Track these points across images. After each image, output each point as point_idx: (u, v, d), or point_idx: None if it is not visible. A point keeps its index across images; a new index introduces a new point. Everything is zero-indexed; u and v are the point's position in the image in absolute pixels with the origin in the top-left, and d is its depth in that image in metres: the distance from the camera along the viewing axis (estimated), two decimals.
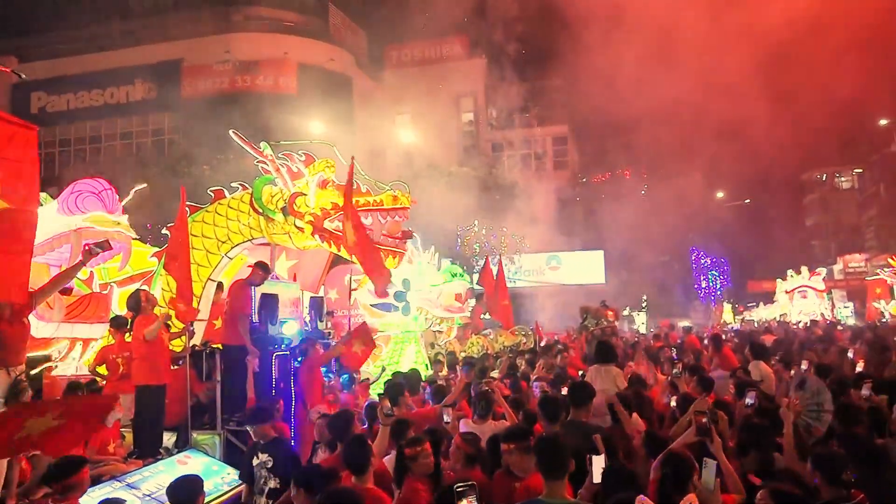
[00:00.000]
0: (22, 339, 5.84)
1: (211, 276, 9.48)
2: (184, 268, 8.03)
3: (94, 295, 9.17)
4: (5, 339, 5.50)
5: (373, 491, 4.41)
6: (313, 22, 36.38)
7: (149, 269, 10.41)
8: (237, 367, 8.21)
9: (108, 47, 35.33)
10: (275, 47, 34.02)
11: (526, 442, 4.51)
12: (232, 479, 6.91)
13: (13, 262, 4.87)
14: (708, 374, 9.47)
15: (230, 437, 7.85)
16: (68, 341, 8.87)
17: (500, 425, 6.09)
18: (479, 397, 6.46)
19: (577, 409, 5.99)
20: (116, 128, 36.19)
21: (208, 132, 23.26)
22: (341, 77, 35.38)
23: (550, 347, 14.17)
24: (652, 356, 10.80)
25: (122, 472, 6.44)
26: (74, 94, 36.08)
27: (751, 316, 37.58)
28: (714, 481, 3.66)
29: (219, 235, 9.53)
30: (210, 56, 34.01)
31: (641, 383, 8.00)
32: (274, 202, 9.01)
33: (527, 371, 10.20)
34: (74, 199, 8.50)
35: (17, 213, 4.86)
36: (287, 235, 9.09)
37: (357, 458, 4.49)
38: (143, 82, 35.42)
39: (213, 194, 9.86)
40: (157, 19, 35.89)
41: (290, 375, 8.33)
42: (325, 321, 10.98)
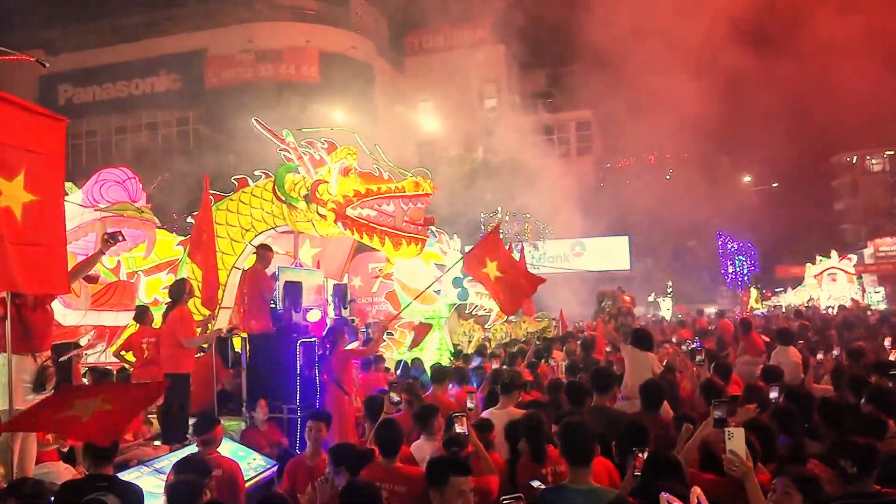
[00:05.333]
0: (46, 325, 5.91)
1: (235, 263, 9.53)
2: (209, 256, 8.10)
3: (120, 283, 9.29)
4: (30, 325, 5.57)
5: (401, 468, 4.60)
6: (335, 10, 36.35)
7: (174, 258, 10.50)
8: (262, 353, 8.29)
9: (133, 39, 35.66)
10: (297, 36, 34.09)
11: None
12: (258, 464, 6.97)
13: (48, 253, 4.92)
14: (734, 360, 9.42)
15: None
16: (95, 329, 9.01)
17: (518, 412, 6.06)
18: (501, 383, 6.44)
19: (601, 395, 5.95)
20: (142, 118, 36.57)
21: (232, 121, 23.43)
22: (363, 65, 35.35)
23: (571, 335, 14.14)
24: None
25: (150, 457, 6.52)
26: (100, 85, 36.53)
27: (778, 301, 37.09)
28: (744, 449, 3.54)
29: (242, 223, 9.58)
30: (233, 46, 34.19)
31: (670, 370, 7.94)
32: (297, 190, 9.01)
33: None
34: (99, 189, 8.59)
35: (46, 206, 4.90)
36: (310, 223, 9.10)
37: (387, 439, 4.66)
38: (168, 73, 35.74)
39: (236, 182, 9.90)
40: (181, 10, 36.11)
41: (314, 363, 8.37)
42: (348, 308, 11.01)
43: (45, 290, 5.54)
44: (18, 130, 4.79)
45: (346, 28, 35.86)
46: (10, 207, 4.64)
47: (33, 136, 4.90)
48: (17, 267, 4.63)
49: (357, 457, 4.63)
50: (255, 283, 8.47)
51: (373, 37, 37.50)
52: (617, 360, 9.46)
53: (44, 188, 4.91)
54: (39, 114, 5.10)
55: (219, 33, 34.74)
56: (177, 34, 35.19)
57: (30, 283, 4.92)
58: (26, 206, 4.75)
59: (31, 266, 4.77)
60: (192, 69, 34.91)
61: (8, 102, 4.78)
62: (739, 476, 3.47)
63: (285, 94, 29.28)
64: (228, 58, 34.54)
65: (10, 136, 4.72)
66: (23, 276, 4.70)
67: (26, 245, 4.74)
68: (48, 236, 4.98)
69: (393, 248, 8.86)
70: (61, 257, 5.18)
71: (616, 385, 6.74)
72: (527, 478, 4.40)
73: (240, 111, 21.91)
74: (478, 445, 4.75)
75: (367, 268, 14.19)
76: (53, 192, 5.07)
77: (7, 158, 4.69)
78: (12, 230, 4.62)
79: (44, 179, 4.94)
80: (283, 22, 34.80)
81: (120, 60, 35.49)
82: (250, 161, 12.21)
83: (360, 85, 32.81)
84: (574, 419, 4.18)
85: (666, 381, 6.74)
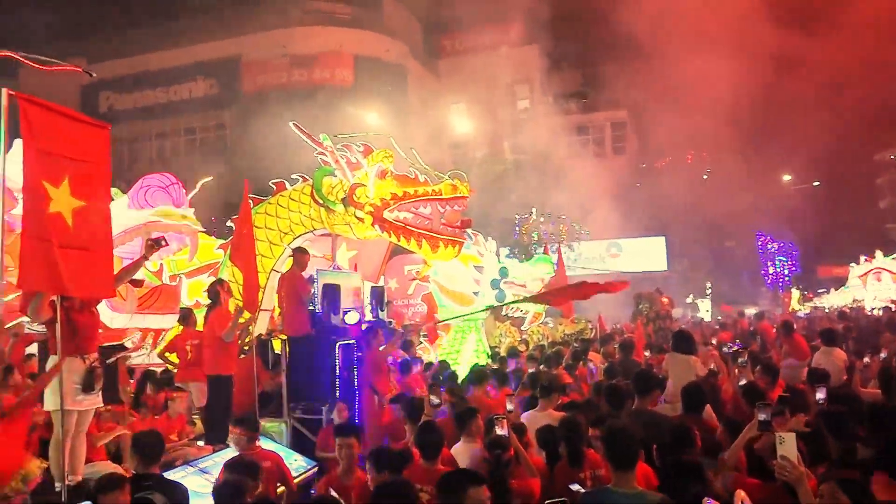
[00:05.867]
0: (93, 328, 6.06)
1: (274, 266, 9.65)
2: (249, 259, 8.22)
3: (164, 286, 9.47)
4: (78, 327, 5.71)
5: (442, 471, 4.54)
6: (368, 14, 36.59)
7: (215, 261, 10.68)
8: (301, 356, 8.38)
9: (171, 46, 36.33)
10: (331, 40, 34.40)
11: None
12: (299, 465, 7.07)
13: (95, 257, 5.04)
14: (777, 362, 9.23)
15: (296, 424, 8.04)
16: (141, 332, 9.20)
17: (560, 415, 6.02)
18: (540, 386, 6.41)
19: (642, 398, 5.87)
20: (180, 124, 37.26)
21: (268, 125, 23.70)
22: (396, 67, 35.53)
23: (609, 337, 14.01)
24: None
25: (194, 457, 6.64)
26: (140, 92, 37.31)
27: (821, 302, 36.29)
28: (796, 454, 3.43)
29: (281, 227, 9.70)
30: (268, 51, 34.64)
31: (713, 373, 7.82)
32: (334, 193, 9.10)
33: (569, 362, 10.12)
34: (143, 194, 8.77)
35: (93, 211, 5.02)
36: (348, 226, 9.18)
37: (428, 442, 4.71)
38: (205, 79, 36.36)
39: (274, 186, 10.04)
40: (217, 17, 36.68)
41: (353, 364, 8.44)
42: (385, 310, 11.07)
43: (92, 294, 5.67)
44: (64, 138, 4.93)
45: (379, 31, 36.08)
46: (61, 213, 4.77)
47: (78, 143, 5.03)
48: (66, 271, 4.75)
49: (397, 458, 4.65)
50: (292, 286, 8.55)
51: (406, 39, 37.66)
52: (656, 364, 9.36)
53: (90, 194, 5.04)
54: (83, 122, 5.24)
55: (254, 39, 35.23)
56: (213, 41, 35.76)
57: (78, 286, 5.04)
58: (75, 212, 4.88)
59: (79, 270, 4.90)
60: (229, 75, 35.47)
61: (53, 111, 4.92)
62: (791, 481, 3.40)
63: (320, 97, 29.57)
64: (264, 63, 35.01)
65: (56, 144, 4.86)
66: (72, 279, 4.83)
67: (75, 249, 4.87)
68: (95, 241, 5.11)
69: (430, 250, 8.90)
70: (108, 261, 5.31)
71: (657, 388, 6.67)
72: (565, 481, 4.38)
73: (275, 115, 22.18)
74: (519, 448, 4.74)
75: (403, 270, 14.26)
76: (100, 198, 5.20)
77: (53, 166, 4.82)
78: (62, 235, 4.75)
79: (90, 185, 5.06)
80: (318, 27, 35.14)
81: (159, 67, 36.22)
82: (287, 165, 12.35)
83: (394, 88, 32.98)
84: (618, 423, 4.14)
85: (708, 385, 6.64)
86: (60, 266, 4.67)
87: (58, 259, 4.66)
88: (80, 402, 5.71)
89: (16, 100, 4.58)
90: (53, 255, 4.63)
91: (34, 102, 4.68)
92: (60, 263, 4.68)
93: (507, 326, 14.56)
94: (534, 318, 13.39)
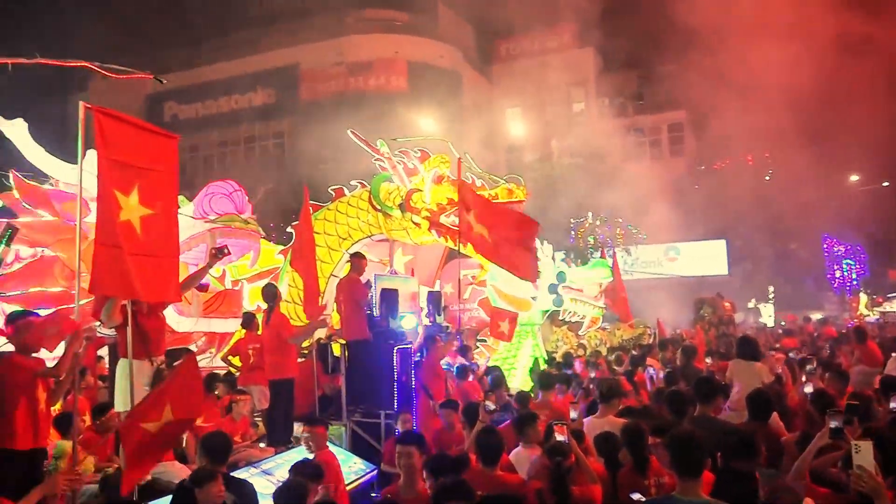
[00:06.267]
0: (159, 331, 6.28)
1: (333, 271, 9.80)
2: (309, 264, 8.37)
3: (227, 291, 9.71)
4: (145, 331, 5.92)
5: (501, 476, 4.62)
6: (422, 20, 36.85)
7: (275, 266, 10.89)
8: (359, 359, 8.48)
9: (231, 57, 37.27)
10: (386, 47, 34.76)
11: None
12: (359, 468, 7.14)
13: (163, 264, 5.20)
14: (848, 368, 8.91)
15: (355, 427, 8.13)
16: (206, 335, 9.45)
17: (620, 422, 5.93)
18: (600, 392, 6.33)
19: (704, 405, 5.75)
20: (240, 132, 38.16)
21: (326, 133, 24.08)
22: (451, 73, 35.67)
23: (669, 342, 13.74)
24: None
25: (258, 459, 6.78)
26: (202, 102, 38.37)
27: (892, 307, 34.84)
28: (873, 464, 3.26)
29: (340, 232, 9.86)
30: (325, 59, 35.20)
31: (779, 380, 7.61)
32: (391, 199, 9.21)
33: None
34: (208, 201, 9.02)
35: (161, 219, 5.17)
36: (405, 231, 9.28)
37: (488, 447, 4.71)
38: (264, 88, 37.17)
39: (333, 193, 10.20)
40: (275, 27, 37.49)
41: (411, 369, 8.49)
42: (442, 315, 11.11)
43: (159, 299, 5.86)
44: (134, 149, 5.09)
45: (433, 38, 36.29)
46: (131, 221, 4.93)
47: (148, 153, 5.19)
48: (136, 276, 4.91)
49: (455, 464, 4.65)
50: (350, 290, 8.66)
51: (460, 45, 37.77)
52: (718, 371, 9.15)
53: (158, 202, 5.19)
54: (153, 132, 5.41)
55: (312, 48, 35.85)
56: (272, 50, 36.53)
57: (147, 291, 5.20)
58: (144, 220, 5.04)
59: (148, 276, 5.05)
60: (287, 84, 36.18)
61: (125, 122, 5.09)
62: (868, 492, 3.27)
63: (375, 104, 29.89)
64: (321, 71, 35.62)
65: (127, 154, 5.02)
66: (141, 284, 4.99)
67: (144, 256, 5.02)
68: (163, 248, 5.26)
69: None
70: (174, 267, 5.47)
71: (720, 395, 6.52)
72: (628, 489, 4.32)
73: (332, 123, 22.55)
74: (579, 455, 4.70)
75: (459, 274, 14.26)
76: (167, 206, 5.35)
77: (124, 175, 4.99)
78: (132, 242, 4.91)
79: (158, 194, 5.22)
80: (373, 34, 35.56)
81: (219, 78, 37.19)
82: (344, 171, 12.53)
83: (449, 93, 33.09)
84: (684, 429, 4.07)
85: (774, 392, 6.46)
86: (131, 272, 4.83)
87: (128, 265, 4.81)
88: None
89: (90, 112, 4.76)
90: (124, 261, 4.79)
91: (107, 114, 4.85)
92: (131, 269, 4.83)
93: (563, 331, 14.42)
94: (591, 323, 13.22)
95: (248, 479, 5.81)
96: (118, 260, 4.79)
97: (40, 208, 8.40)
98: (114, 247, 4.78)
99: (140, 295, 5.28)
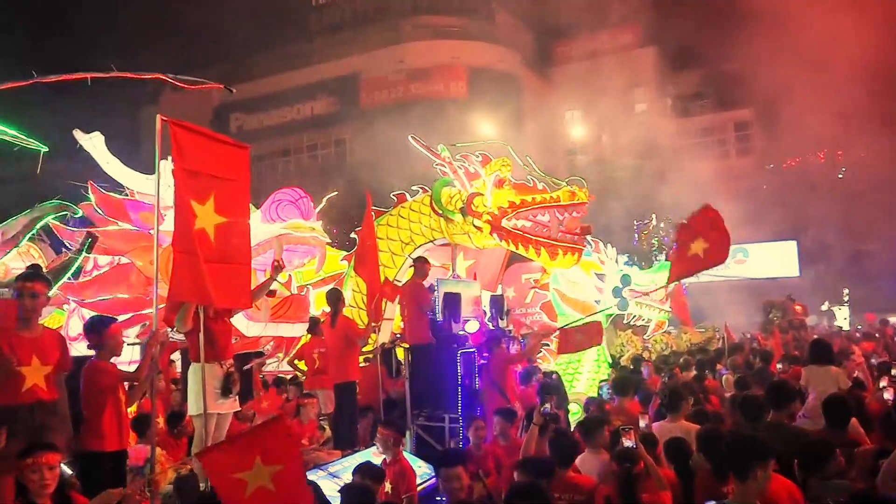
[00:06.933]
0: (227, 335, 6.47)
1: (396, 276, 9.89)
2: (373, 269, 8.48)
3: (294, 297, 9.91)
4: (213, 335, 6.10)
5: (574, 477, 4.67)
6: (480, 25, 36.95)
7: (339, 272, 11.07)
8: (423, 364, 8.52)
9: (292, 67, 38.12)
10: (445, 53, 35.00)
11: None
12: (423, 472, 7.16)
13: (235, 271, 5.36)
14: None
15: (420, 431, 8.17)
16: (274, 340, 9.67)
17: (691, 427, 5.80)
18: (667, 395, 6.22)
19: (778, 411, 5.57)
20: (303, 141, 38.98)
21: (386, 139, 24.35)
22: (510, 77, 35.64)
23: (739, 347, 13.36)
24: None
25: (325, 461, 6.89)
26: (266, 112, 39.34)
27: None
28: None
29: (402, 237, 9.95)
30: (385, 67, 35.66)
31: (860, 385, 7.32)
32: (453, 203, 9.23)
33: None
34: (275, 208, 9.23)
35: (234, 227, 5.33)
36: (467, 235, 9.29)
37: (561, 449, 4.78)
38: (326, 97, 37.88)
39: (395, 198, 10.31)
40: (335, 38, 38.17)
41: (474, 373, 8.50)
42: (505, 319, 11.08)
43: (231, 305, 6.04)
44: (208, 159, 5.26)
45: (491, 42, 36.34)
46: (205, 229, 5.10)
47: (221, 163, 5.36)
48: (210, 283, 5.07)
49: (545, 466, 4.66)
50: (413, 295, 8.73)
51: (518, 48, 37.70)
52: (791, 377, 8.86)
53: (231, 210, 5.35)
54: (226, 143, 5.59)
55: (371, 56, 36.37)
56: (332, 60, 37.22)
57: (220, 297, 5.37)
58: (217, 227, 5.20)
59: (221, 282, 5.21)
60: (348, 92, 36.80)
61: (199, 134, 5.27)
62: None
63: (435, 110, 30.09)
64: (381, 79, 36.10)
65: (202, 164, 5.19)
66: (215, 291, 5.14)
67: (218, 263, 5.18)
68: (236, 255, 5.42)
69: (549, 258, 8.85)
70: (246, 274, 5.62)
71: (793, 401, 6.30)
72: (705, 496, 4.22)
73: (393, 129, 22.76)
74: (648, 461, 4.62)
75: (521, 278, 14.19)
76: (240, 214, 5.51)
77: (200, 185, 5.16)
78: (207, 249, 5.07)
79: (231, 202, 5.38)
80: (431, 41, 35.84)
81: (282, 88, 38.10)
82: (405, 177, 12.65)
83: (508, 97, 33.04)
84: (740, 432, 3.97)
85: (854, 397, 6.22)
86: (206, 278, 4.99)
87: (203, 272, 4.97)
88: (220, 406, 6.10)
89: (167, 124, 4.94)
90: (200, 268, 4.95)
91: (183, 126, 5.04)
92: (205, 276, 4.99)
93: (628, 335, 14.19)
94: (657, 327, 12.95)
95: (315, 481, 5.92)
96: (194, 267, 4.95)
97: (117, 218, 8.75)
98: (190, 254, 4.94)
99: (214, 301, 5.45)
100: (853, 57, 22.25)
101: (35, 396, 4.70)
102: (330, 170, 32.35)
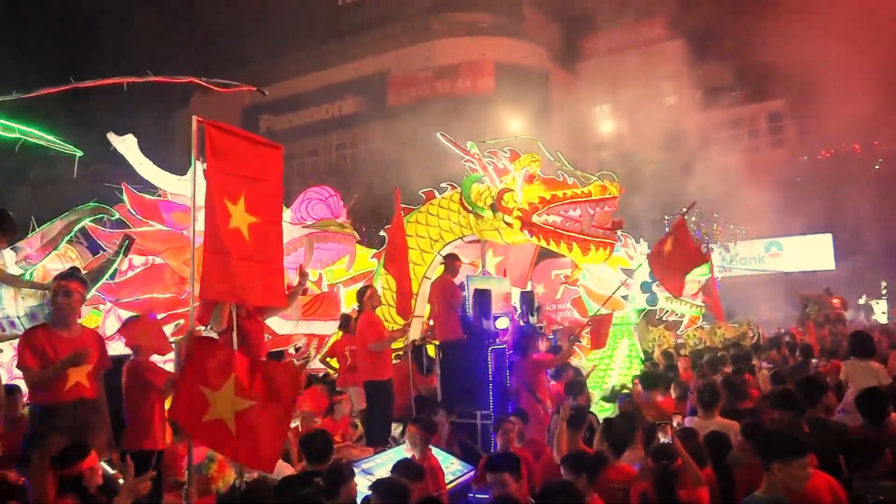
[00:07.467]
0: (259, 333, 6.54)
1: (426, 273, 9.90)
2: (402, 267, 8.51)
3: (326, 294, 9.96)
4: (246, 334, 6.16)
5: (623, 467, 4.82)
6: (507, 21, 36.83)
7: (369, 270, 11.10)
8: (454, 361, 8.53)
9: (321, 67, 38.35)
10: (472, 50, 34.95)
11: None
12: (456, 468, 7.16)
13: (268, 269, 5.40)
14: None
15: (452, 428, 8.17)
16: (306, 337, 9.74)
17: (727, 423, 5.72)
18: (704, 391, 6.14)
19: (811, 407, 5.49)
20: (332, 140, 39.23)
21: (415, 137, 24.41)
22: (538, 72, 35.48)
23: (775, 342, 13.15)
24: None
25: (357, 458, 6.92)
26: (294, 112, 39.65)
27: None
28: None
29: (431, 234, 9.94)
30: (412, 65, 35.72)
31: None
32: (482, 199, 9.20)
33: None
34: (305, 206, 9.28)
35: (267, 226, 5.38)
36: (496, 231, 9.25)
37: (618, 438, 4.99)
38: (354, 96, 38.06)
39: (424, 195, 10.31)
40: (364, 36, 38.31)
41: (505, 369, 8.49)
42: (536, 315, 11.04)
43: (265, 303, 6.08)
44: (242, 159, 5.31)
45: (518, 38, 36.19)
46: (239, 228, 5.14)
47: (254, 163, 5.41)
48: (244, 282, 5.13)
49: (594, 461, 4.66)
50: (443, 292, 8.75)
51: (545, 43, 37.48)
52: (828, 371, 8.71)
53: (264, 210, 5.40)
54: (259, 143, 5.63)
55: (398, 55, 36.46)
56: (359, 59, 37.37)
57: (254, 296, 5.43)
58: (251, 227, 5.24)
59: (254, 281, 5.26)
60: (376, 90, 36.94)
61: (232, 134, 5.32)
62: None
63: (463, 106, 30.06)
64: (409, 77, 36.17)
65: (235, 165, 5.24)
66: (248, 289, 5.20)
67: (251, 262, 5.23)
68: (269, 254, 5.46)
69: (581, 253, 8.78)
70: (279, 273, 5.66)
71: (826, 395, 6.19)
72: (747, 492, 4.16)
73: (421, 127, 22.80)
74: (685, 456, 4.57)
75: (551, 275, 14.14)
76: (273, 214, 5.56)
77: (233, 184, 5.21)
78: (241, 248, 5.12)
79: (264, 202, 5.42)
80: (459, 37, 35.81)
81: (310, 89, 38.36)
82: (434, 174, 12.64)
83: (536, 92, 32.90)
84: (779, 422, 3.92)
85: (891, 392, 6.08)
86: (239, 277, 5.04)
87: (237, 270, 5.03)
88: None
89: (202, 125, 5.00)
90: (233, 267, 5.00)
91: (217, 127, 5.09)
92: (239, 275, 5.04)
93: (661, 331, 14.06)
94: (690, 322, 12.78)
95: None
96: (227, 266, 5.00)
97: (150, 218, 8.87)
98: (222, 253, 4.99)
99: (248, 299, 5.51)
100: (889, 43, 21.73)
101: (78, 394, 4.80)
102: (359, 168, 32.52)
